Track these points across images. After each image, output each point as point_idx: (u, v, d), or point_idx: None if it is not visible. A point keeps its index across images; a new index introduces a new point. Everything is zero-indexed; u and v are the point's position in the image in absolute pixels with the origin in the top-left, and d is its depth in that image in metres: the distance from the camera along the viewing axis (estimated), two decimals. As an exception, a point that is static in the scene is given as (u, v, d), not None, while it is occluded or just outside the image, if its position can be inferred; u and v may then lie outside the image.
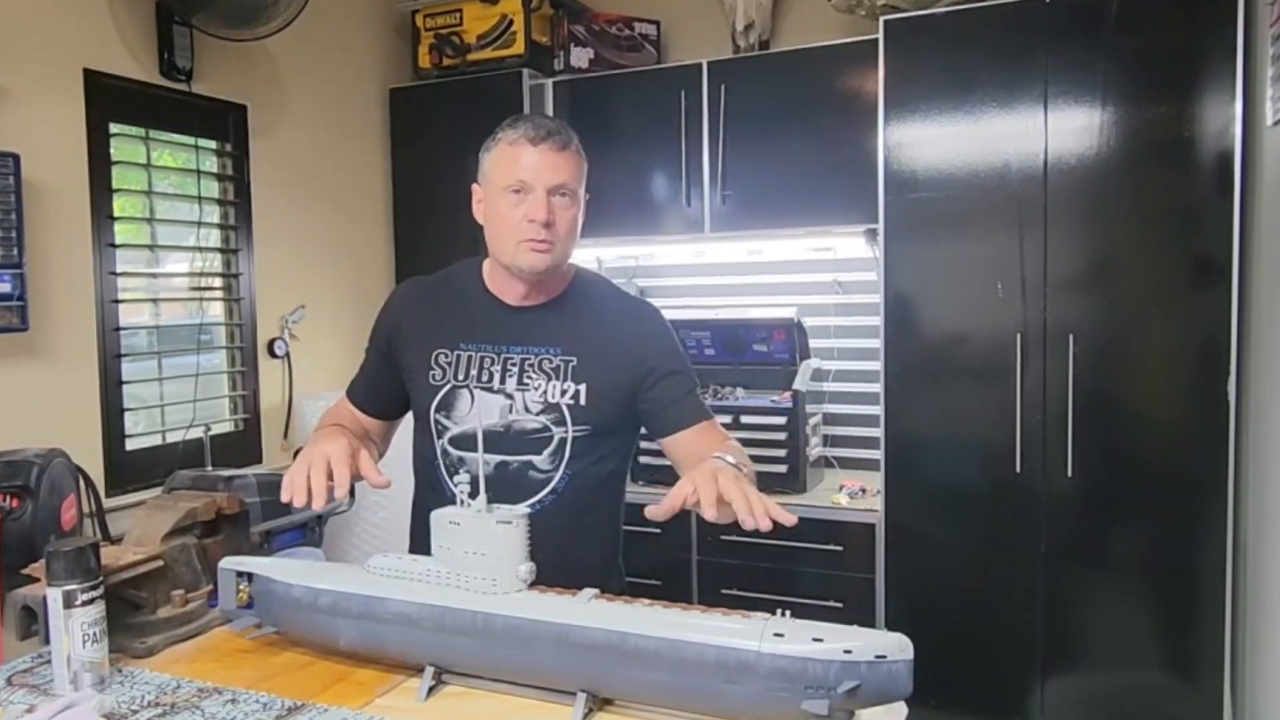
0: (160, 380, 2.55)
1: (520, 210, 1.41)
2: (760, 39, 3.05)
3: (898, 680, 0.96)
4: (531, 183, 1.41)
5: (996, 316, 2.49)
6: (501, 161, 1.44)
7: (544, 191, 1.41)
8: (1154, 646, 2.40)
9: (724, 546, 2.82)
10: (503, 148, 1.44)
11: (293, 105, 2.93)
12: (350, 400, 1.62)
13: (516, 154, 1.42)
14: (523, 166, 1.41)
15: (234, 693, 1.15)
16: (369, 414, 1.60)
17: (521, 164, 1.41)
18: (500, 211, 1.43)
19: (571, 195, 1.44)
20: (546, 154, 1.41)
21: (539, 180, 1.41)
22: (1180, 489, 2.35)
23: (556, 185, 1.42)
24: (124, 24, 2.41)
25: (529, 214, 1.40)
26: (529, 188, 1.41)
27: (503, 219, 1.43)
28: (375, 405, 1.60)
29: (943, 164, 2.53)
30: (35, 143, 2.17)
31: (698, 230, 2.99)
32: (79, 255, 2.31)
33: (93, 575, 1.16)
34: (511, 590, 1.14)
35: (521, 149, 1.42)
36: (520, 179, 1.41)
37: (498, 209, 1.44)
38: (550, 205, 1.41)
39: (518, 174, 1.41)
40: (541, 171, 1.41)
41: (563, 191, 1.43)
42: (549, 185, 1.41)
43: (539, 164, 1.41)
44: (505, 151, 1.43)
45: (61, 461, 1.91)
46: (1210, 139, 2.27)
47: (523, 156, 1.41)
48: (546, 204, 1.41)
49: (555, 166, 1.42)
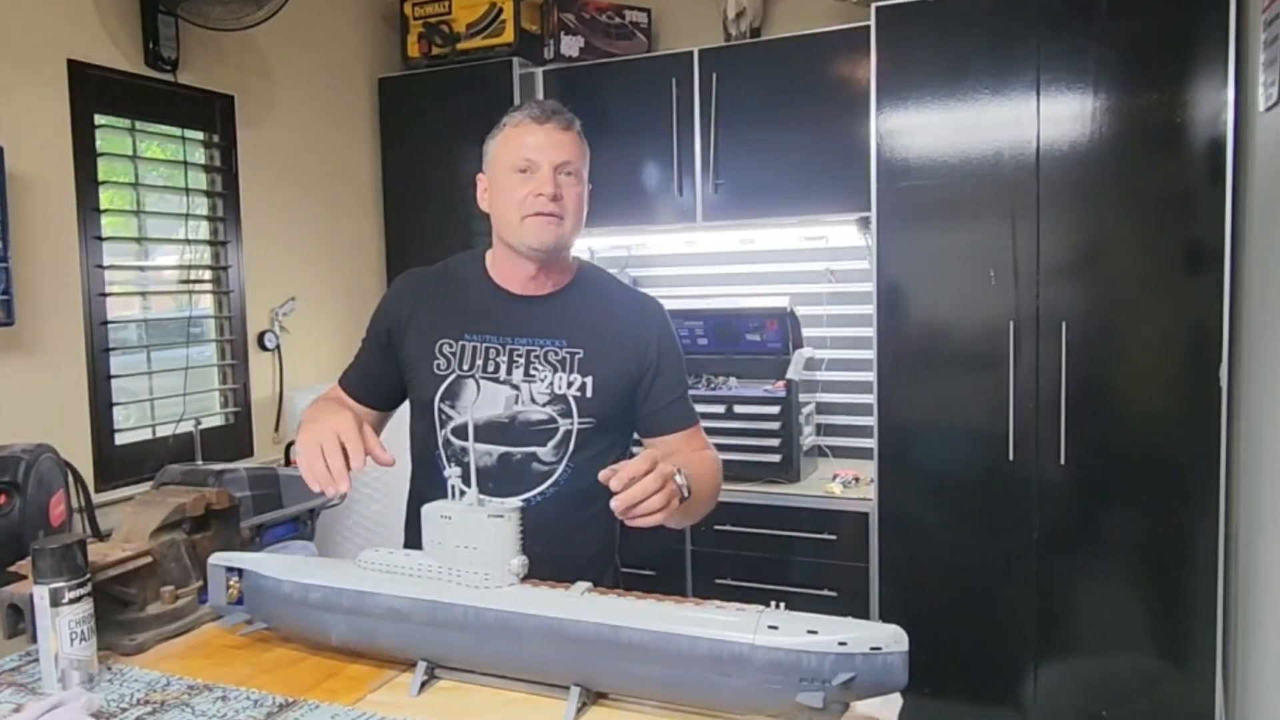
0: (149, 374, 2.53)
1: (527, 187, 1.42)
2: (751, 26, 3.04)
3: (893, 672, 0.95)
4: (538, 160, 1.42)
5: (989, 304, 2.48)
6: (507, 143, 1.45)
7: (550, 168, 1.42)
8: (1146, 632, 2.41)
9: (718, 536, 2.82)
10: (508, 131, 1.46)
11: (281, 96, 2.91)
12: (343, 389, 1.60)
13: (521, 134, 1.44)
14: (528, 145, 1.43)
15: (224, 689, 1.14)
16: (363, 403, 1.58)
17: (527, 143, 1.43)
18: (506, 189, 1.44)
19: (577, 174, 1.45)
20: (552, 133, 1.43)
21: (544, 157, 1.42)
22: (1173, 475, 2.35)
23: (562, 163, 1.43)
24: (108, 13, 2.38)
25: (536, 188, 1.41)
26: (535, 165, 1.42)
27: (509, 196, 1.43)
28: (369, 394, 1.58)
29: (935, 152, 2.52)
30: (19, 135, 2.14)
31: (690, 219, 2.98)
32: (65, 248, 2.28)
33: (80, 572, 1.14)
34: (504, 584, 1.13)
35: (526, 129, 1.43)
36: (526, 157, 1.42)
37: (504, 187, 1.44)
38: (557, 181, 1.42)
39: (523, 153, 1.42)
40: (547, 149, 1.42)
41: (568, 170, 1.44)
42: (555, 162, 1.42)
43: (544, 142, 1.42)
44: (510, 134, 1.45)
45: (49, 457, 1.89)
46: (1202, 125, 2.26)
47: (528, 135, 1.43)
48: (553, 179, 1.42)
49: (560, 145, 1.43)
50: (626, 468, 1.19)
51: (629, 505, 1.18)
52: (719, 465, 1.51)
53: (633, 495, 1.18)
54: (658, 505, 1.20)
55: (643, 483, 1.18)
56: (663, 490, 1.20)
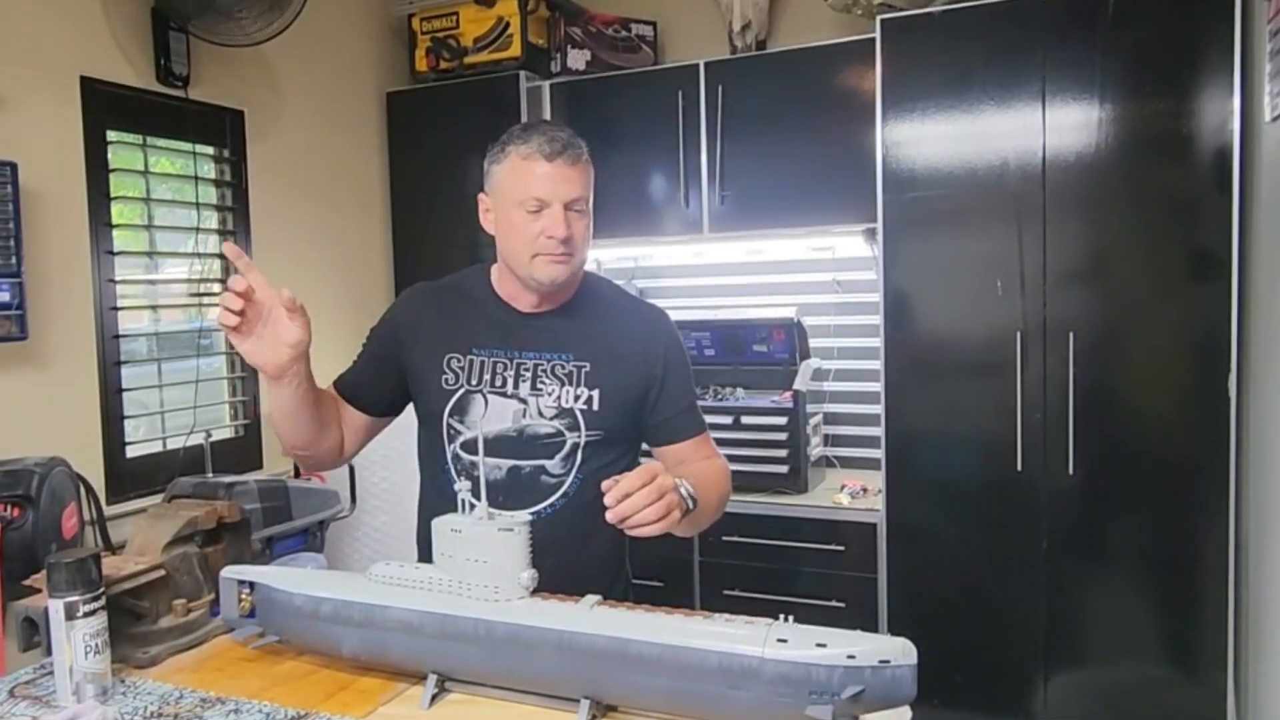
0: (160, 386, 2.55)
1: (537, 225, 1.40)
2: (757, 39, 3.05)
3: (901, 685, 0.96)
4: (548, 199, 1.39)
5: (996, 314, 2.49)
6: (515, 176, 1.41)
7: (561, 207, 1.40)
8: (1157, 642, 2.40)
9: (726, 547, 2.82)
10: (515, 161, 1.42)
11: (290, 110, 2.93)
12: (336, 389, 1.58)
13: (531, 169, 1.40)
14: (539, 184, 1.39)
15: (237, 703, 1.15)
16: (354, 405, 1.56)
17: (537, 180, 1.39)
18: (515, 225, 1.42)
19: (586, 206, 1.44)
20: (562, 168, 1.40)
21: (556, 197, 1.40)
22: (1182, 484, 2.35)
23: (573, 200, 1.41)
24: (120, 31, 2.41)
25: (548, 230, 1.39)
26: (546, 204, 1.40)
27: (518, 233, 1.42)
28: (358, 398, 1.56)
29: (941, 162, 2.52)
30: (33, 151, 2.17)
31: (696, 231, 2.99)
32: (78, 263, 2.30)
33: (94, 586, 1.16)
34: (514, 597, 1.14)
35: (536, 164, 1.40)
36: (537, 197, 1.39)
37: (512, 222, 1.42)
38: (567, 220, 1.40)
39: (533, 191, 1.39)
40: (558, 187, 1.40)
41: (578, 206, 1.42)
42: (566, 200, 1.40)
43: (555, 179, 1.39)
44: (519, 165, 1.41)
45: (62, 470, 1.91)
46: (1208, 134, 2.27)
47: (538, 172, 1.39)
48: (564, 220, 1.40)
49: (570, 181, 1.40)
50: (625, 480, 1.20)
51: (622, 518, 1.20)
52: (728, 473, 1.52)
53: (624, 510, 1.19)
54: (653, 517, 1.21)
55: (636, 496, 1.20)
56: (661, 502, 1.21)
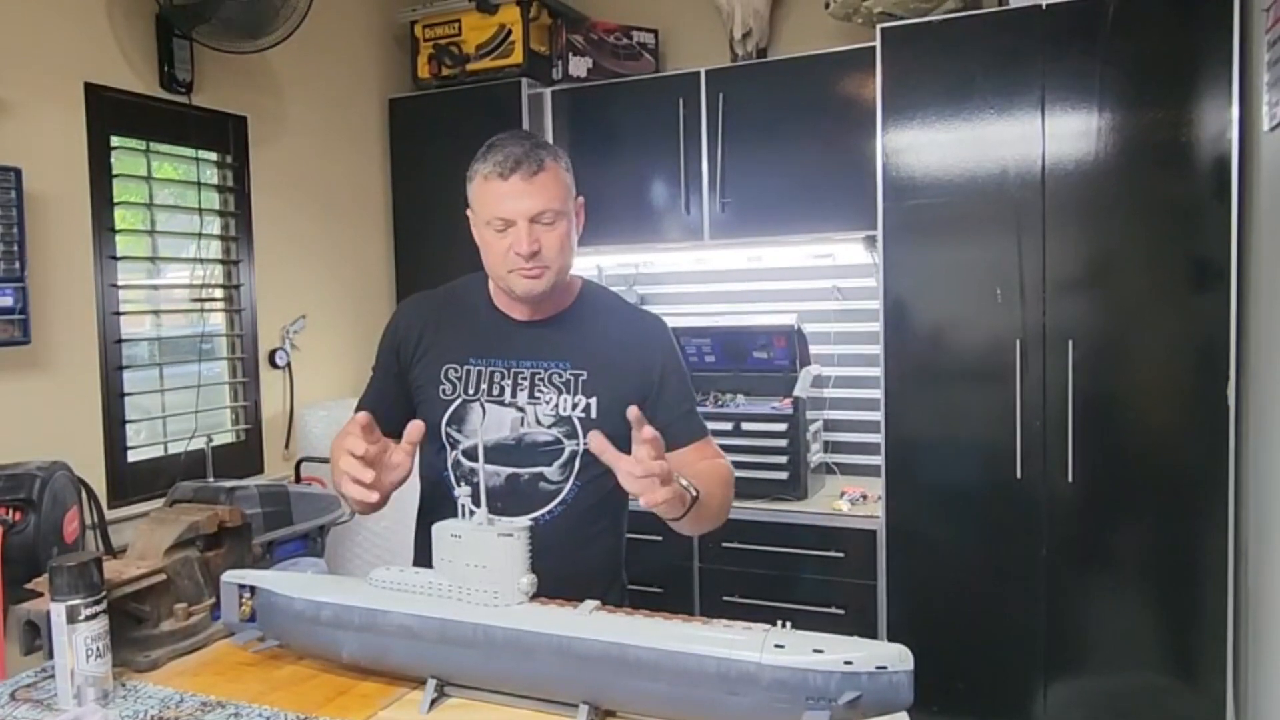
0: (162, 391, 2.56)
1: (505, 242, 1.41)
2: (758, 47, 3.06)
3: (899, 691, 0.96)
4: (511, 217, 1.40)
5: (996, 321, 2.49)
6: (481, 196, 1.43)
7: (525, 223, 1.40)
8: (1157, 649, 2.40)
9: (725, 554, 2.82)
10: (479, 181, 1.43)
11: (292, 116, 2.94)
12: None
13: (491, 189, 1.41)
14: (498, 203, 1.40)
15: (237, 706, 1.15)
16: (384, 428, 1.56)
17: (497, 199, 1.40)
18: (488, 243, 1.44)
19: (556, 215, 1.42)
20: (518, 185, 1.39)
21: (517, 214, 1.40)
22: (1181, 492, 2.35)
23: (536, 214, 1.40)
24: (124, 37, 2.42)
25: (513, 247, 1.40)
26: (510, 222, 1.40)
27: (491, 251, 1.44)
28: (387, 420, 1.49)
29: (941, 170, 2.53)
30: (37, 156, 2.18)
31: (697, 238, 3.00)
32: (80, 268, 2.32)
33: (96, 590, 1.16)
34: (513, 602, 1.14)
35: (494, 184, 1.40)
36: (499, 216, 1.40)
37: (485, 240, 1.45)
38: (533, 234, 1.40)
39: (495, 211, 1.41)
40: (518, 204, 1.39)
41: (544, 218, 1.41)
42: (530, 215, 1.40)
43: (513, 198, 1.39)
44: (482, 186, 1.43)
45: (63, 474, 1.92)
46: (1207, 144, 2.28)
47: (497, 192, 1.40)
48: (528, 236, 1.39)
49: (530, 195, 1.40)
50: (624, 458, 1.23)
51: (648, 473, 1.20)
52: (731, 474, 1.51)
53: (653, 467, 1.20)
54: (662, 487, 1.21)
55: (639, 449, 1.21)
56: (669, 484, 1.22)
